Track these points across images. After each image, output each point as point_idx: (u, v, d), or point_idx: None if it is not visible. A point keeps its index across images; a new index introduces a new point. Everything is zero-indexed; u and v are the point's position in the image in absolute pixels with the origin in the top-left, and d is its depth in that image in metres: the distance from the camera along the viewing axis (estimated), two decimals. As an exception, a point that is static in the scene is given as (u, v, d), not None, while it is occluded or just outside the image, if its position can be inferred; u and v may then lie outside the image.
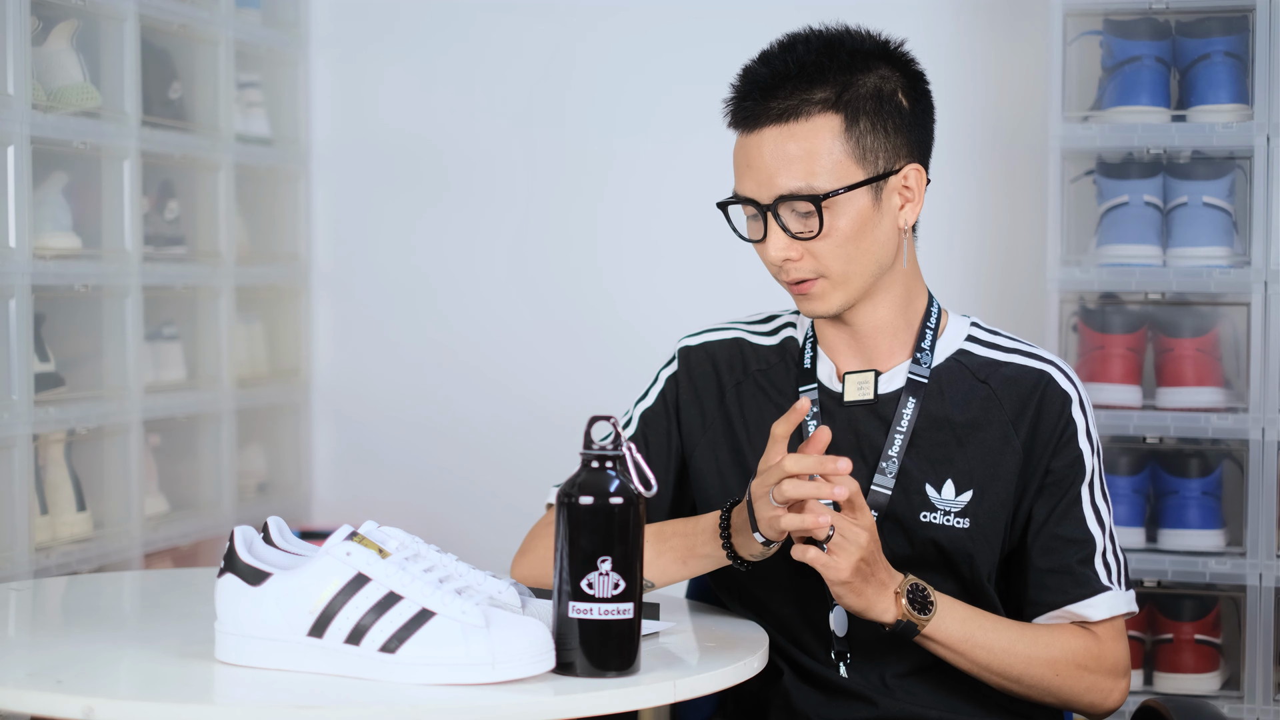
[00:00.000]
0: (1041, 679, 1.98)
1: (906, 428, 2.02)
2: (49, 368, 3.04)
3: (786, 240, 1.96)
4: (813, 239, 1.95)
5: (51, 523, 3.04)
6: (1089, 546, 2.01)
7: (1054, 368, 2.05)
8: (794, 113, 1.95)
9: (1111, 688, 2.02)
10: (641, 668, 1.70)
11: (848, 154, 1.95)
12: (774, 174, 1.95)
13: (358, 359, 3.88)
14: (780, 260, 1.97)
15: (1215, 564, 3.07)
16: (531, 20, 3.74)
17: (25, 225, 2.90)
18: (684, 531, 2.01)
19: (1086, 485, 2.02)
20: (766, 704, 2.06)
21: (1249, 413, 3.05)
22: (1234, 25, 3.12)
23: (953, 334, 2.07)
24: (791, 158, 1.94)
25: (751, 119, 1.97)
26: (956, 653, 1.95)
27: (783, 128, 1.95)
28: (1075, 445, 2.02)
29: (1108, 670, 2.01)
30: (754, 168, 1.97)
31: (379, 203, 3.86)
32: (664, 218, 3.68)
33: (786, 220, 1.96)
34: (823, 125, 1.95)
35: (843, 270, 1.97)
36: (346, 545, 1.67)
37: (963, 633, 1.95)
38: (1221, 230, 3.11)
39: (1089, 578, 2.00)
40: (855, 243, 1.97)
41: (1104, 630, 2.02)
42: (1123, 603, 2.02)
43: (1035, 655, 1.97)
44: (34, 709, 1.60)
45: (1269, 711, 3.04)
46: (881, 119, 1.97)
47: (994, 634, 1.96)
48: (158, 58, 3.37)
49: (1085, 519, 2.02)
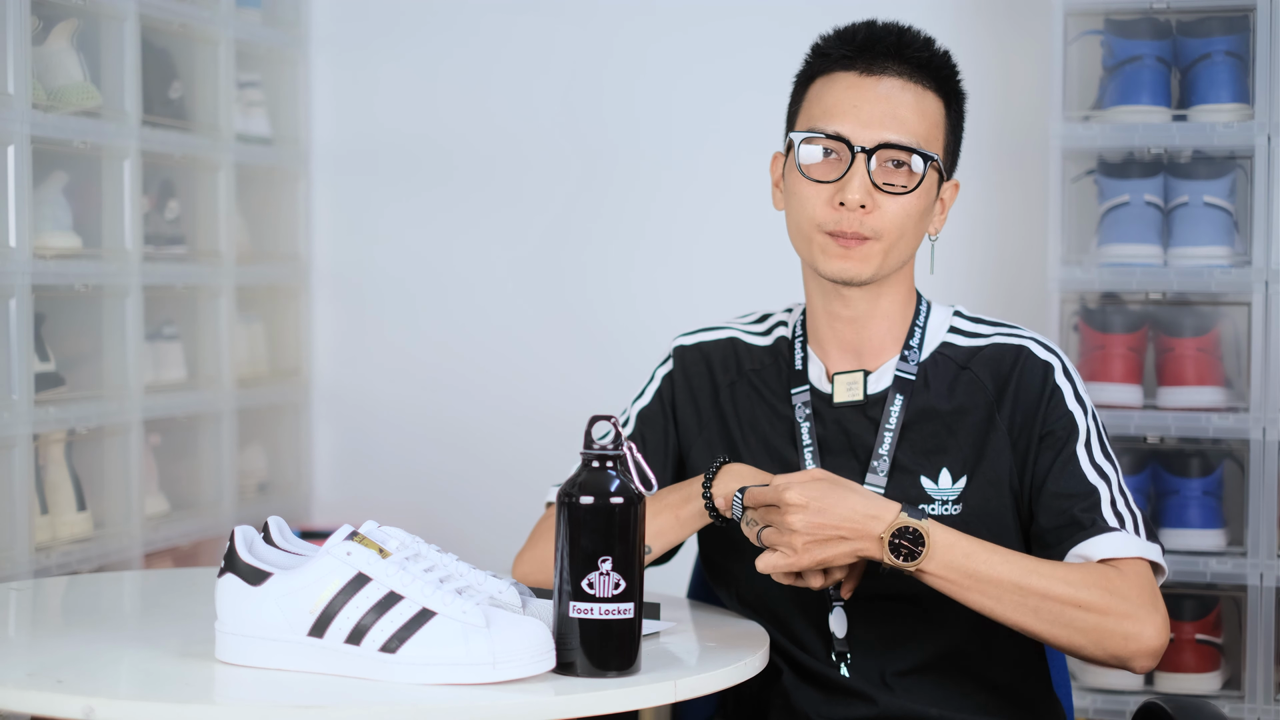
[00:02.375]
0: (1060, 614, 1.86)
1: (895, 425, 2.03)
2: (49, 367, 3.04)
3: (870, 187, 1.97)
4: (901, 194, 1.98)
5: (52, 522, 3.04)
6: (1092, 497, 1.95)
7: (1031, 340, 2.06)
8: (918, 78, 2.01)
9: (1143, 622, 1.87)
10: (642, 668, 1.70)
11: (943, 137, 2.03)
12: (889, 119, 1.98)
13: (358, 359, 3.88)
14: (855, 205, 1.97)
15: (1216, 564, 3.06)
16: (531, 20, 3.74)
17: (25, 225, 2.90)
18: (678, 489, 2.03)
19: (1082, 445, 1.99)
20: (766, 703, 2.07)
21: (1250, 412, 3.05)
22: (1234, 25, 3.12)
23: (936, 325, 2.09)
24: (911, 110, 1.99)
25: (875, 67, 2.00)
26: (962, 592, 1.87)
27: (908, 83, 2.00)
28: (1064, 408, 2.01)
29: (1133, 603, 1.87)
30: (864, 108, 1.99)
31: (379, 203, 3.85)
32: (665, 218, 3.68)
33: (875, 170, 1.97)
34: (934, 102, 2.02)
35: (895, 239, 1.99)
36: (347, 545, 1.67)
37: (965, 570, 1.85)
38: (1222, 230, 3.11)
39: (1093, 520, 1.94)
40: (917, 218, 2.01)
41: (1125, 565, 1.91)
42: (1135, 546, 1.92)
43: (1050, 588, 1.85)
44: (34, 709, 1.60)
45: (1269, 711, 3.04)
46: (956, 127, 2.06)
47: (1001, 568, 1.86)
48: (158, 57, 3.37)
49: (1084, 474, 1.97)
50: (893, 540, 1.84)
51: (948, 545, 1.86)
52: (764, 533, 1.87)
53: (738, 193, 3.57)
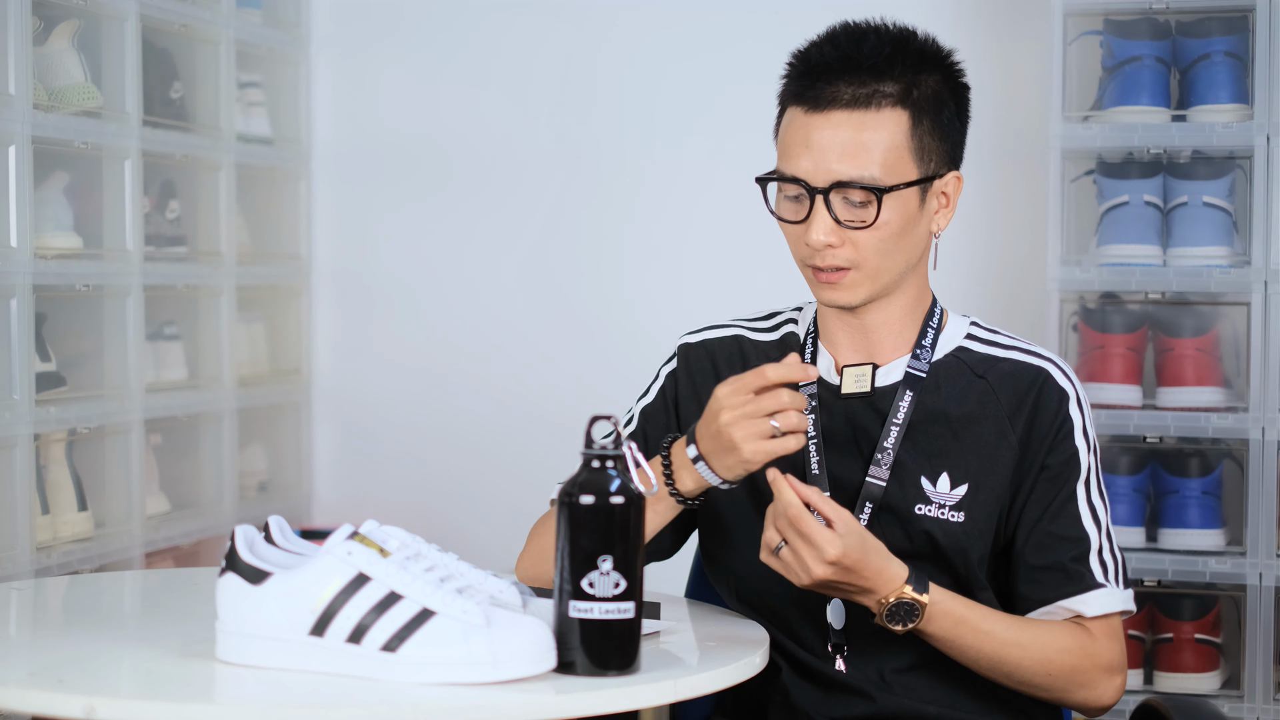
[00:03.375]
0: (1034, 675, 1.97)
1: (903, 420, 2.02)
2: (50, 367, 3.04)
3: (833, 226, 1.96)
4: (862, 229, 1.96)
5: (53, 522, 3.04)
6: (1083, 544, 2.00)
7: (1052, 365, 2.05)
8: (866, 101, 1.96)
9: (1106, 685, 2.00)
10: (642, 667, 1.70)
11: (909, 151, 1.97)
12: (837, 159, 1.95)
13: (358, 358, 3.88)
14: (822, 245, 1.96)
15: (1215, 563, 3.07)
16: (531, 20, 3.74)
17: (26, 225, 2.90)
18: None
19: (1082, 483, 2.02)
20: (765, 701, 2.07)
21: (1249, 412, 3.05)
22: (1234, 25, 3.12)
23: (953, 331, 2.08)
24: (858, 146, 1.95)
25: (821, 100, 1.96)
26: (948, 643, 1.95)
27: (853, 114, 1.96)
28: (1071, 442, 2.02)
29: (1102, 667, 2.00)
30: (814, 149, 1.96)
31: (379, 203, 3.86)
32: (666, 218, 3.68)
33: (836, 207, 1.96)
34: (891, 119, 1.96)
35: (877, 265, 1.98)
36: (347, 545, 1.68)
37: (953, 635, 1.94)
38: (1221, 230, 3.11)
39: (1082, 574, 1.99)
40: (897, 239, 1.98)
41: (1098, 627, 2.00)
42: (1118, 600, 2.01)
43: (1027, 654, 1.96)
44: (35, 708, 1.60)
45: (1269, 711, 3.05)
46: (938, 123, 2.00)
47: (985, 636, 1.95)
48: (159, 57, 3.37)
49: (1080, 517, 2.01)
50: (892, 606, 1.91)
51: (941, 614, 1.94)
52: (783, 552, 1.87)
53: (738, 190, 3.57)
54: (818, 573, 1.85)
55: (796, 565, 1.86)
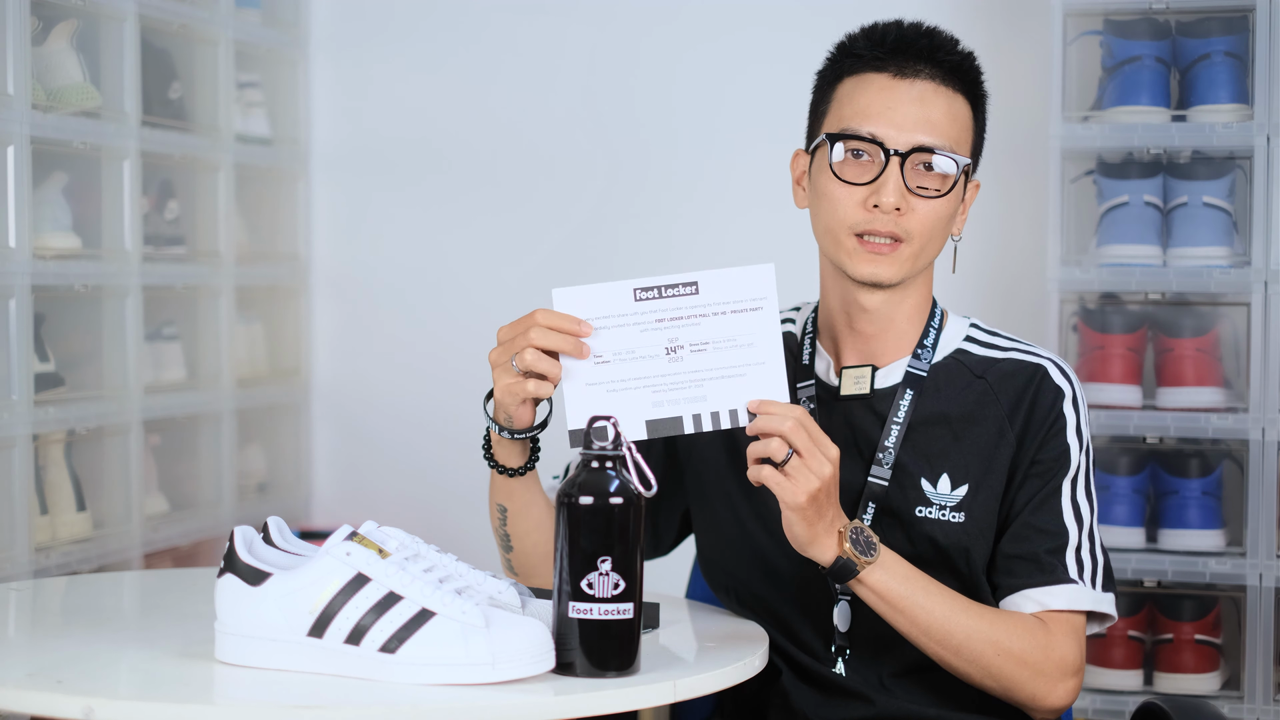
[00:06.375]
0: (981, 655, 1.93)
1: (903, 420, 2.02)
2: (49, 368, 3.04)
3: (904, 190, 1.97)
4: (934, 198, 1.98)
5: (51, 523, 3.04)
6: (1061, 538, 1.99)
7: (1050, 363, 2.06)
8: (946, 81, 2.01)
9: (1054, 685, 1.96)
10: (641, 668, 1.70)
11: (969, 140, 2.04)
12: (922, 123, 1.98)
13: (358, 359, 3.88)
14: (890, 208, 1.97)
15: (1215, 564, 3.07)
16: (531, 20, 3.74)
17: (25, 225, 2.90)
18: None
19: (1069, 480, 2.01)
20: (765, 703, 2.07)
21: (1249, 413, 3.05)
22: (1234, 25, 3.12)
23: (952, 333, 2.09)
24: (942, 115, 1.99)
25: (906, 70, 2.00)
26: (895, 609, 1.91)
27: (940, 86, 2.00)
28: (1063, 439, 2.02)
29: (1054, 665, 1.96)
30: (898, 110, 1.99)
31: (379, 203, 3.86)
32: (666, 218, 3.68)
33: (908, 174, 1.98)
34: (962, 106, 2.02)
35: (925, 241, 2.00)
36: (346, 545, 1.67)
37: (904, 589, 1.91)
38: (1221, 230, 3.11)
39: (1055, 566, 1.98)
40: (946, 221, 2.02)
41: (1058, 624, 1.97)
42: (1087, 599, 1.98)
43: (977, 630, 1.93)
44: (34, 709, 1.60)
45: (1269, 711, 3.04)
46: (979, 129, 2.06)
47: (937, 599, 1.92)
48: (158, 58, 3.37)
49: (1061, 512, 2.00)
50: (854, 531, 1.88)
51: (894, 560, 1.92)
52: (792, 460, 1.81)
53: (739, 191, 3.57)
54: (825, 472, 1.82)
55: (806, 468, 1.82)
